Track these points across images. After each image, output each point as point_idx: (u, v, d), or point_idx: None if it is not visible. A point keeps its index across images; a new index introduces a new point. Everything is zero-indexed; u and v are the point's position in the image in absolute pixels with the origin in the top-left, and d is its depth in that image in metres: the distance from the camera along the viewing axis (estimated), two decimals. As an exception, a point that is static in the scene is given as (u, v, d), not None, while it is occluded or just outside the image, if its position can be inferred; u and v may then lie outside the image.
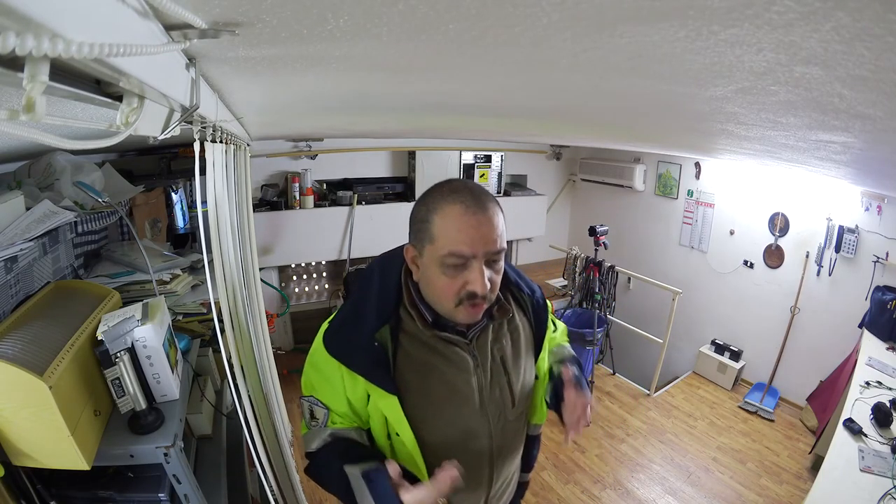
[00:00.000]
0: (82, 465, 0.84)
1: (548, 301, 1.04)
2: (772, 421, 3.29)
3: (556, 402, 0.97)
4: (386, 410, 0.87)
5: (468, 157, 4.24)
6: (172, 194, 2.35)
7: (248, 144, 1.98)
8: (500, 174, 4.40)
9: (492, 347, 0.91)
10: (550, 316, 1.05)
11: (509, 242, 4.47)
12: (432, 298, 0.83)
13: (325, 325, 0.91)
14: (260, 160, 3.61)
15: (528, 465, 1.12)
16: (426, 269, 0.80)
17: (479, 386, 0.90)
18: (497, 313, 0.91)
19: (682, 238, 4.15)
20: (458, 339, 0.87)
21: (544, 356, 1.03)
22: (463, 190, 0.77)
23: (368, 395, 0.87)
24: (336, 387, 0.87)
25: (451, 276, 0.77)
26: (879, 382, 2.25)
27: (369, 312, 0.86)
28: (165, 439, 0.96)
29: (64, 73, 0.34)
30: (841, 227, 3.12)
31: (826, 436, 2.48)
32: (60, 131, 0.87)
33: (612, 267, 3.83)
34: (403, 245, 0.89)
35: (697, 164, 3.91)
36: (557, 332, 1.12)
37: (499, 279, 0.81)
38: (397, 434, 0.92)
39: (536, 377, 1.02)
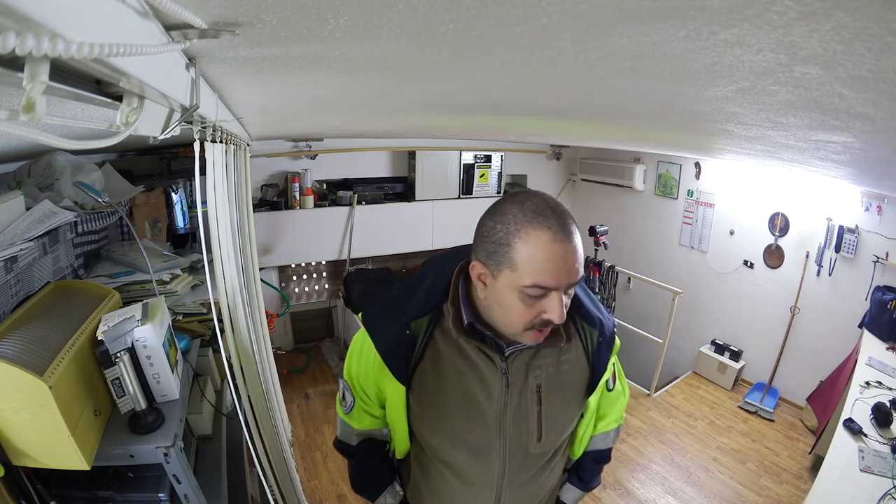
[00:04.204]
0: (82, 465, 0.84)
1: (617, 340, 0.94)
2: (772, 421, 3.29)
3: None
4: (390, 398, 0.91)
5: (468, 157, 4.24)
6: (172, 194, 2.35)
7: (248, 144, 1.98)
8: (500, 174, 4.40)
9: (528, 372, 0.85)
10: (613, 361, 0.95)
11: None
12: (502, 322, 0.78)
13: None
14: (260, 160, 3.61)
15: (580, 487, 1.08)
16: (500, 294, 0.74)
17: (501, 407, 0.85)
18: (545, 340, 0.83)
19: (682, 238, 4.15)
20: (492, 351, 0.83)
21: (596, 397, 0.95)
22: (546, 211, 0.69)
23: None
24: (369, 370, 0.92)
25: (529, 304, 0.72)
26: (879, 382, 2.25)
27: (415, 300, 0.86)
28: (165, 439, 0.96)
29: (64, 73, 0.34)
30: (841, 227, 3.12)
31: (826, 436, 2.48)
32: (60, 131, 0.87)
33: (612, 267, 3.83)
34: (464, 246, 0.84)
35: (697, 164, 3.90)
36: (613, 393, 1.01)
37: (569, 302, 0.76)
38: (392, 427, 0.97)
39: (582, 415, 0.96)
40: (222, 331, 1.21)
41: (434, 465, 0.95)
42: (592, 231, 3.68)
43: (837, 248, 3.14)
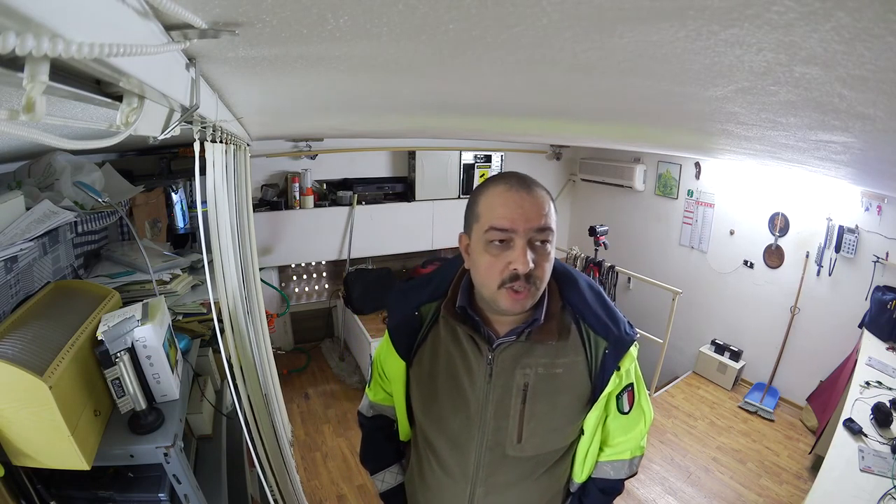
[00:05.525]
0: (82, 465, 0.84)
1: (631, 353, 0.86)
2: (772, 421, 3.30)
3: None
4: (393, 372, 0.98)
5: (468, 157, 4.24)
6: (172, 194, 2.35)
7: (248, 144, 1.98)
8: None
9: (516, 368, 0.84)
10: (632, 380, 0.89)
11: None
12: (478, 282, 0.81)
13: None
14: (260, 160, 3.61)
15: None
16: (474, 253, 0.80)
17: (483, 398, 0.86)
18: (534, 335, 0.82)
19: (682, 238, 4.15)
20: (481, 340, 0.84)
21: (597, 414, 0.87)
22: (510, 175, 0.79)
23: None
24: (386, 348, 0.99)
25: (493, 254, 0.76)
26: (879, 382, 2.25)
27: (427, 288, 0.94)
28: (165, 439, 0.96)
29: (64, 73, 0.34)
30: (841, 227, 3.12)
31: (826, 436, 2.48)
32: (60, 131, 0.87)
33: (612, 267, 3.82)
34: None
35: (697, 164, 3.90)
36: (628, 417, 0.90)
37: (546, 265, 0.77)
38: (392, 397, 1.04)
39: (583, 432, 0.90)
40: (222, 331, 1.21)
41: (424, 451, 0.98)
42: (592, 231, 3.68)
43: (837, 248, 3.14)
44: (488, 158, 4.32)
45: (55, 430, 0.80)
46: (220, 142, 1.12)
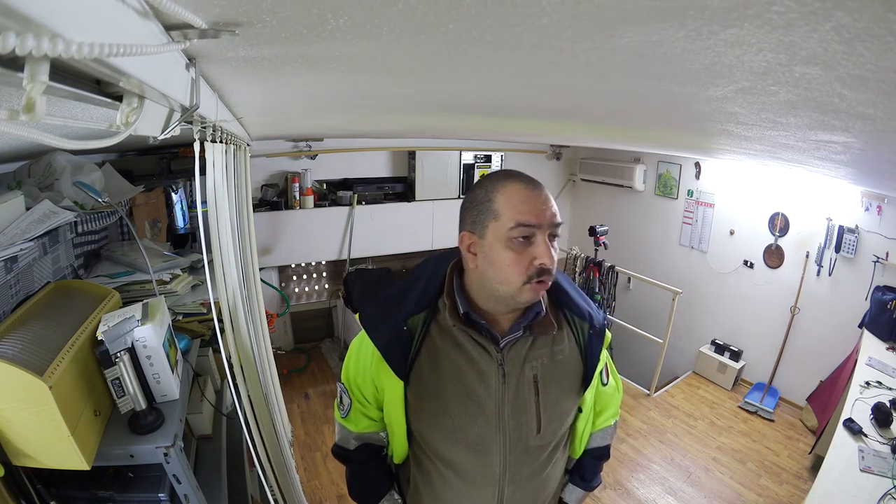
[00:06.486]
0: (82, 465, 0.84)
1: (608, 333, 0.97)
2: (772, 421, 3.29)
3: None
4: (388, 394, 0.92)
5: (468, 157, 4.24)
6: (172, 194, 2.35)
7: (248, 144, 1.98)
8: (500, 174, 4.40)
9: (525, 363, 0.87)
10: (605, 357, 0.98)
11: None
12: (497, 279, 0.79)
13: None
14: (260, 160, 3.61)
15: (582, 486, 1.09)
16: (490, 251, 0.78)
17: (499, 399, 0.86)
18: (536, 328, 0.86)
19: (682, 238, 4.15)
20: (487, 342, 0.85)
21: (592, 392, 0.96)
22: (517, 173, 0.81)
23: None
24: (367, 370, 0.93)
25: (517, 250, 0.76)
26: (879, 382, 2.25)
27: (411, 297, 0.89)
28: (165, 439, 0.96)
29: (64, 73, 0.34)
30: (841, 227, 3.12)
31: (826, 436, 2.48)
32: (60, 131, 0.87)
33: (612, 267, 3.83)
34: (457, 248, 0.87)
35: (697, 164, 3.90)
36: (608, 388, 1.04)
37: (556, 257, 0.80)
38: (390, 424, 0.97)
39: (580, 409, 0.97)
40: (222, 331, 1.21)
41: (434, 466, 0.95)
42: (592, 231, 3.68)
43: (837, 248, 3.14)
44: (488, 158, 4.32)
45: (55, 430, 0.80)
46: (220, 142, 1.12)
